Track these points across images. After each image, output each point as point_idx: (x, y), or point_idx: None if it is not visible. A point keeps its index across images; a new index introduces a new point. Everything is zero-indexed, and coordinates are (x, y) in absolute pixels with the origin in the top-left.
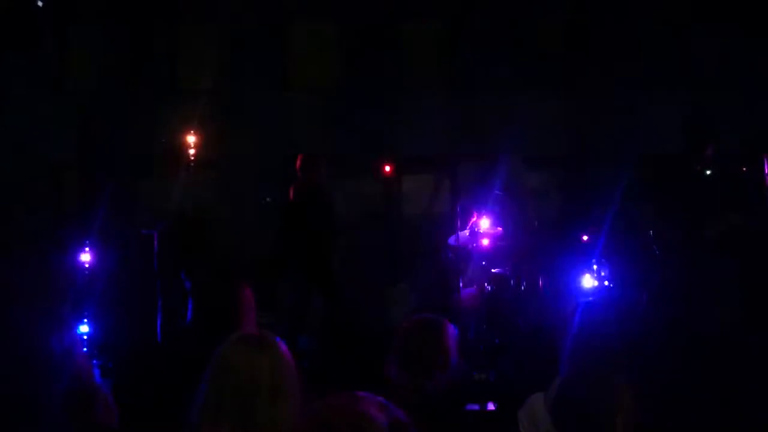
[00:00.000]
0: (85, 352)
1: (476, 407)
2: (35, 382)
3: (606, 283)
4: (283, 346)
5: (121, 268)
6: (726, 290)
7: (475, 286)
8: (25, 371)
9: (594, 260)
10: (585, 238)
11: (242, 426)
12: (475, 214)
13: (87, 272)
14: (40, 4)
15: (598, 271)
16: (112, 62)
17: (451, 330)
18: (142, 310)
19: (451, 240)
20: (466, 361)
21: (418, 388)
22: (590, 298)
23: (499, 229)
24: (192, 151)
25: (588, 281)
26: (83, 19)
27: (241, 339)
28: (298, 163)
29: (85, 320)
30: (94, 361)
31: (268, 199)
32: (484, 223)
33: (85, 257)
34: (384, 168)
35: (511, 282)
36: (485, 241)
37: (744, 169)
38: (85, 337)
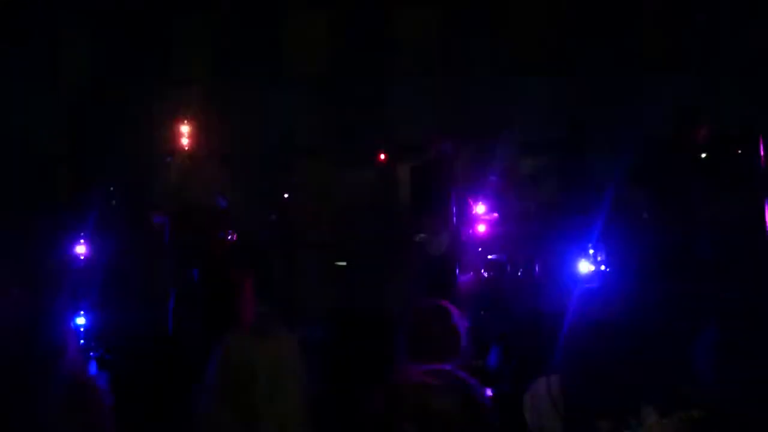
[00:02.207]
0: (81, 344)
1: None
2: (31, 378)
3: (603, 267)
4: (289, 337)
5: (129, 257)
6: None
7: (471, 273)
8: (21, 367)
9: (590, 245)
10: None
11: (246, 418)
12: (471, 201)
13: (83, 264)
14: None
15: (594, 256)
16: (105, 53)
17: (458, 314)
18: (152, 299)
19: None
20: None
21: None
22: (589, 285)
23: (495, 214)
24: (187, 141)
25: (584, 266)
26: (76, 11)
27: (242, 330)
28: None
29: (82, 312)
30: (92, 353)
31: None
32: (480, 209)
33: (81, 249)
34: (379, 156)
35: (508, 268)
36: (481, 228)
37: (739, 151)
38: (82, 329)
